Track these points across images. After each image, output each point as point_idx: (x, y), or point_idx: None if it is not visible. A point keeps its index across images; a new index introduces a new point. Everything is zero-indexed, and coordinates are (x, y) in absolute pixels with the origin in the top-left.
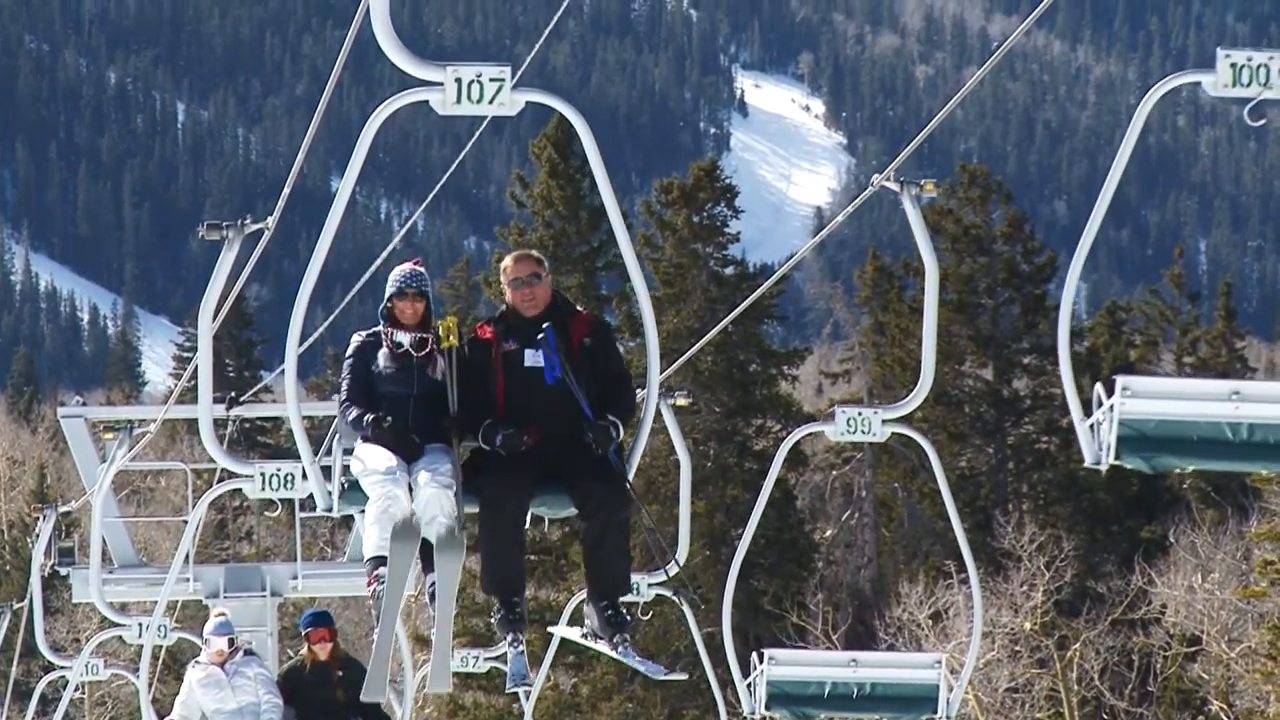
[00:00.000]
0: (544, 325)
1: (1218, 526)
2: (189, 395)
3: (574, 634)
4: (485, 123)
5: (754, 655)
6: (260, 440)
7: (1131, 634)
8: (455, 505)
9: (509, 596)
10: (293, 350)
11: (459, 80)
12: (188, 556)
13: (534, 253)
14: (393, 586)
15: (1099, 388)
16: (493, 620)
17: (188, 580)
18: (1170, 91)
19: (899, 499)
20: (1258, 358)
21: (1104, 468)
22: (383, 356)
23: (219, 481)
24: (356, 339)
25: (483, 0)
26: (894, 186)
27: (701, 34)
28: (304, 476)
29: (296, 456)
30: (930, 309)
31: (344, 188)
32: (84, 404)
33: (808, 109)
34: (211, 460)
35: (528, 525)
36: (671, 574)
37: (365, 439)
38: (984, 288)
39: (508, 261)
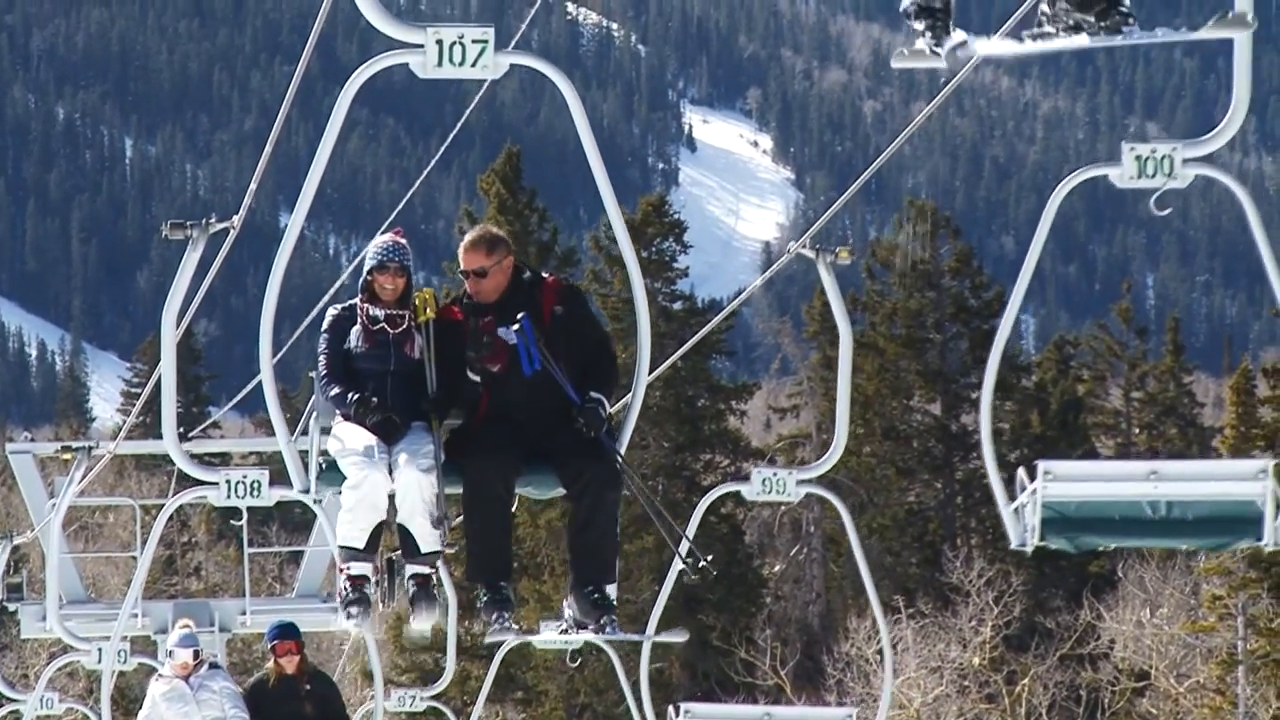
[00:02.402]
0: (519, 316)
1: (1166, 561)
2: (138, 430)
3: (552, 635)
4: (435, 160)
5: (670, 708)
6: None
7: (1080, 669)
8: (435, 488)
9: (496, 580)
10: (269, 318)
11: (440, 42)
12: (141, 589)
13: (487, 236)
14: None
15: (1021, 472)
16: (478, 604)
17: (136, 616)
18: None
19: (847, 534)
20: (1205, 393)
21: (1029, 549)
22: (357, 332)
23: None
24: (332, 312)
25: None
26: (810, 254)
27: (650, 69)
28: (270, 483)
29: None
30: (844, 375)
31: (321, 152)
32: (32, 440)
33: (756, 144)
34: (160, 495)
35: (514, 506)
36: (684, 553)
37: (345, 417)
38: (932, 323)
39: (460, 249)
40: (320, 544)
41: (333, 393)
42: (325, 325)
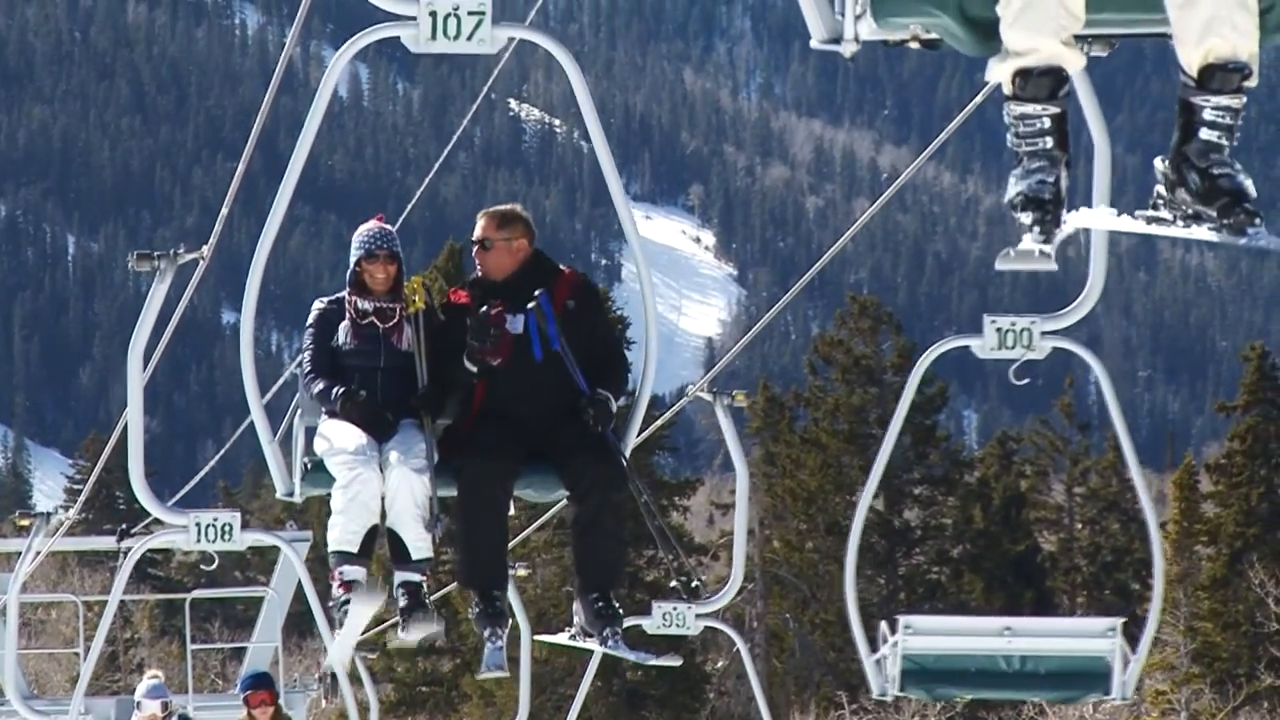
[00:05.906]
0: (536, 293)
1: None
2: (80, 527)
3: (561, 638)
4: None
5: None
6: (150, 572)
7: None
8: (428, 489)
9: (489, 589)
10: (251, 301)
11: (434, 14)
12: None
13: (507, 210)
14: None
15: (884, 625)
16: (470, 615)
17: (80, 714)
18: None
19: (790, 629)
20: (1149, 488)
21: (889, 699)
22: (345, 328)
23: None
24: (318, 305)
25: (373, 133)
26: (707, 397)
27: (592, 166)
28: (242, 526)
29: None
30: (741, 515)
31: (300, 147)
32: None
33: (698, 240)
34: (104, 592)
35: (511, 510)
36: (687, 584)
37: (332, 414)
38: (874, 418)
39: (478, 218)
40: (264, 640)
41: (317, 389)
42: (310, 320)
